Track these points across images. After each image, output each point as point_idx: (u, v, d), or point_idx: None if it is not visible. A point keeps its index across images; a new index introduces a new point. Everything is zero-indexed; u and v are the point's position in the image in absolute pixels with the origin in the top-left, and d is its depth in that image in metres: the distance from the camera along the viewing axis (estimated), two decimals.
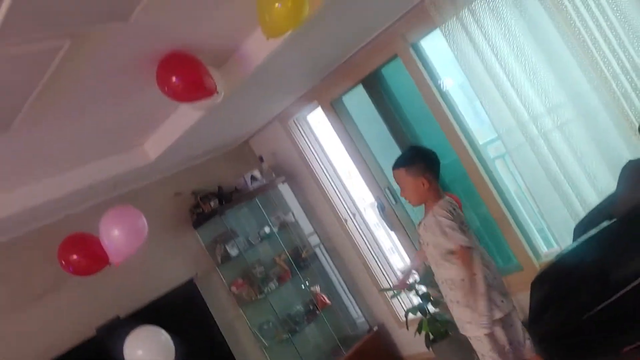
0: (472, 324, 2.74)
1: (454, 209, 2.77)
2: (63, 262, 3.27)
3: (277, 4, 2.33)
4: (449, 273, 2.74)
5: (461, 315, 2.78)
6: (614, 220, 2.63)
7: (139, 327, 3.56)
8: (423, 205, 2.86)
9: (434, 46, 4.07)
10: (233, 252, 4.76)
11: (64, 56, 2.03)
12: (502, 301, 2.70)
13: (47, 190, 3.51)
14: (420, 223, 2.86)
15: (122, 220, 3.34)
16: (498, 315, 2.68)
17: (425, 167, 2.77)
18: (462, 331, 2.84)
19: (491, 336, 2.71)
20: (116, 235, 3.28)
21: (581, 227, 3.00)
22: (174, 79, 2.58)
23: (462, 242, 2.66)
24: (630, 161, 2.68)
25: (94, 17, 1.90)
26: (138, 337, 3.50)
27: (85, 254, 3.26)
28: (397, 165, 2.84)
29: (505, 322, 2.74)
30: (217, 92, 2.80)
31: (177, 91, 2.64)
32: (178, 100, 2.74)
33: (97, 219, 4.23)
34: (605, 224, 2.69)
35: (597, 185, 3.35)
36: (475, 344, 2.80)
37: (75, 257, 3.26)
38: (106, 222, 3.30)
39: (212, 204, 4.73)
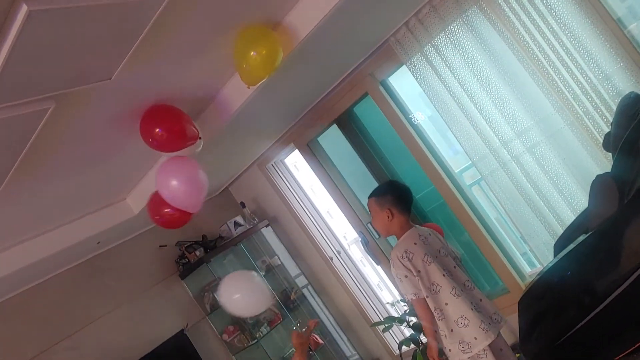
0: (452, 352, 2.80)
1: (425, 239, 2.86)
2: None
3: (252, 53, 2.45)
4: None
5: (443, 342, 2.87)
6: (590, 233, 2.73)
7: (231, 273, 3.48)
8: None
9: (403, 82, 4.22)
10: None
11: (49, 118, 2.08)
12: (485, 330, 2.77)
13: (32, 252, 3.48)
14: None
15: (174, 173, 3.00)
16: (481, 345, 2.74)
17: (393, 200, 2.89)
18: (450, 358, 2.89)
19: (474, 359, 2.77)
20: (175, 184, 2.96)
21: (560, 243, 3.09)
22: (157, 130, 2.65)
23: (408, 296, 2.82)
24: (597, 176, 2.80)
25: (79, 79, 1.97)
26: (233, 280, 3.38)
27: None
28: (370, 195, 3.00)
29: (494, 347, 2.80)
30: (200, 139, 2.88)
31: (161, 142, 2.70)
32: (163, 151, 2.80)
33: (83, 278, 4.26)
34: (581, 238, 2.79)
35: (571, 202, 3.47)
36: None
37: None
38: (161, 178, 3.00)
39: (197, 253, 4.75)
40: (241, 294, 3.30)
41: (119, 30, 1.85)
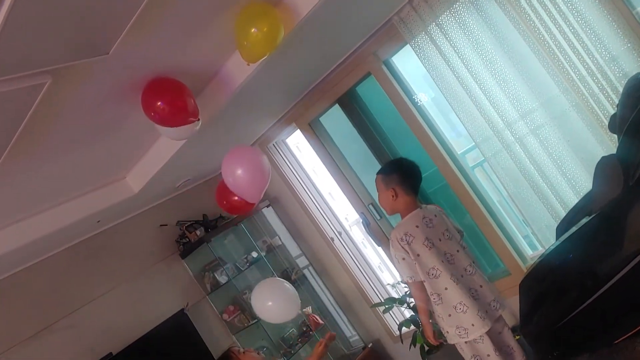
0: (449, 333, 2.80)
1: (429, 221, 2.82)
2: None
3: (253, 29, 2.40)
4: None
5: (440, 324, 2.88)
6: (593, 216, 2.70)
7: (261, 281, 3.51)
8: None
9: (407, 62, 4.17)
10: (222, 279, 4.75)
11: (46, 93, 2.05)
12: (483, 317, 2.76)
13: (30, 231, 3.46)
14: None
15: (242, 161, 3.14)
16: (478, 332, 2.73)
17: (399, 179, 2.85)
18: (448, 340, 2.89)
19: (471, 344, 2.76)
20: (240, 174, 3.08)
21: (562, 226, 3.06)
22: (159, 103, 2.61)
23: (404, 278, 2.84)
24: (602, 157, 2.76)
25: (75, 54, 1.93)
26: (264, 289, 3.42)
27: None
28: (378, 171, 2.98)
29: (492, 331, 2.79)
30: (199, 119, 2.84)
31: (163, 115, 2.66)
32: (165, 125, 2.76)
33: (82, 257, 4.26)
34: (585, 220, 2.76)
35: (575, 184, 3.44)
36: (459, 351, 2.85)
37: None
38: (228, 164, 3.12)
39: (198, 232, 4.74)
40: (273, 301, 3.33)
41: (116, 2, 1.81)
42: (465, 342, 2.76)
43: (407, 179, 2.88)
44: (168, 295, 4.62)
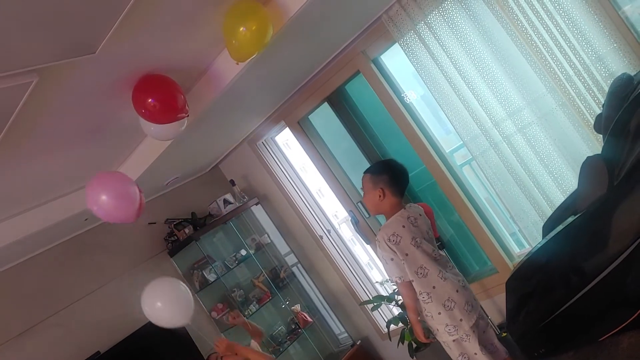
0: (439, 331, 2.81)
1: (414, 221, 2.83)
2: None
3: (241, 29, 2.39)
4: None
5: (429, 323, 2.87)
6: (579, 215, 2.73)
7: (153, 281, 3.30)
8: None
9: (396, 60, 4.18)
10: (211, 277, 4.75)
11: (33, 92, 2.03)
12: (469, 311, 2.78)
13: (18, 229, 3.44)
14: None
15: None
16: (466, 325, 2.75)
17: (388, 180, 2.84)
18: (437, 337, 2.91)
19: (459, 343, 2.78)
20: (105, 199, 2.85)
21: (549, 225, 3.09)
22: (150, 100, 2.59)
23: (394, 278, 2.82)
24: (588, 157, 2.79)
25: (61, 53, 1.92)
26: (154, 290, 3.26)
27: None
28: (366, 170, 2.96)
29: (479, 328, 2.82)
30: (187, 115, 2.83)
31: (154, 112, 2.64)
32: (156, 122, 2.74)
33: (71, 255, 4.24)
34: (570, 219, 2.79)
35: (561, 183, 3.47)
36: (446, 350, 2.87)
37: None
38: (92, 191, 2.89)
39: (186, 230, 4.73)
40: (163, 302, 3.19)
41: (103, 1, 1.80)
42: (453, 341, 2.77)
43: (397, 181, 2.87)
44: None
